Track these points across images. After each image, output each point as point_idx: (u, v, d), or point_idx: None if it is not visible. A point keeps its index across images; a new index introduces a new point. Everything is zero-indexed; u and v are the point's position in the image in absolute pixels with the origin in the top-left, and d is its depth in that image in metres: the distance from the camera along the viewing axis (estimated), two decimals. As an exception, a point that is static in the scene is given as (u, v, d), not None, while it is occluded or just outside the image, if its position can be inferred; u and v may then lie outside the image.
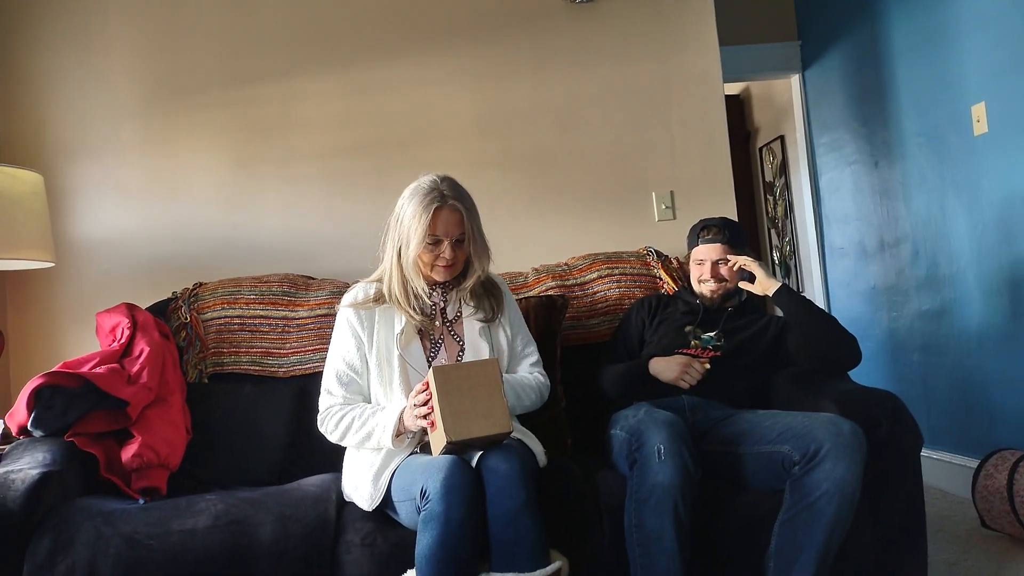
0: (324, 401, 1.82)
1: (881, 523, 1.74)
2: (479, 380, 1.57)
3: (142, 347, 2.00)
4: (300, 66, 2.67)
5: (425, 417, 1.60)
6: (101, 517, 1.64)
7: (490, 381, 1.57)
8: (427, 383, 1.60)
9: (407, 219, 1.76)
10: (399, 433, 1.68)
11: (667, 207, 2.74)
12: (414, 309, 1.81)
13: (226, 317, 2.27)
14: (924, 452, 1.82)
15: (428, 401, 1.59)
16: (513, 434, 1.75)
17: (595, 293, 2.43)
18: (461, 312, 1.88)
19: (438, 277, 1.81)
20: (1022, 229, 2.58)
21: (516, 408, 1.81)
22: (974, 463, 2.71)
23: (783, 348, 2.07)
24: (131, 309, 2.14)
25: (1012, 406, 2.68)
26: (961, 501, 2.81)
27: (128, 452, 1.84)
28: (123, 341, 2.02)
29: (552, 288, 2.41)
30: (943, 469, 3.00)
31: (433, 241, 1.75)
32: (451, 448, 1.56)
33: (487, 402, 1.55)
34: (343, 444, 1.80)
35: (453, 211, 1.74)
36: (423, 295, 1.81)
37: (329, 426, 1.79)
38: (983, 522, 2.46)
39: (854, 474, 1.58)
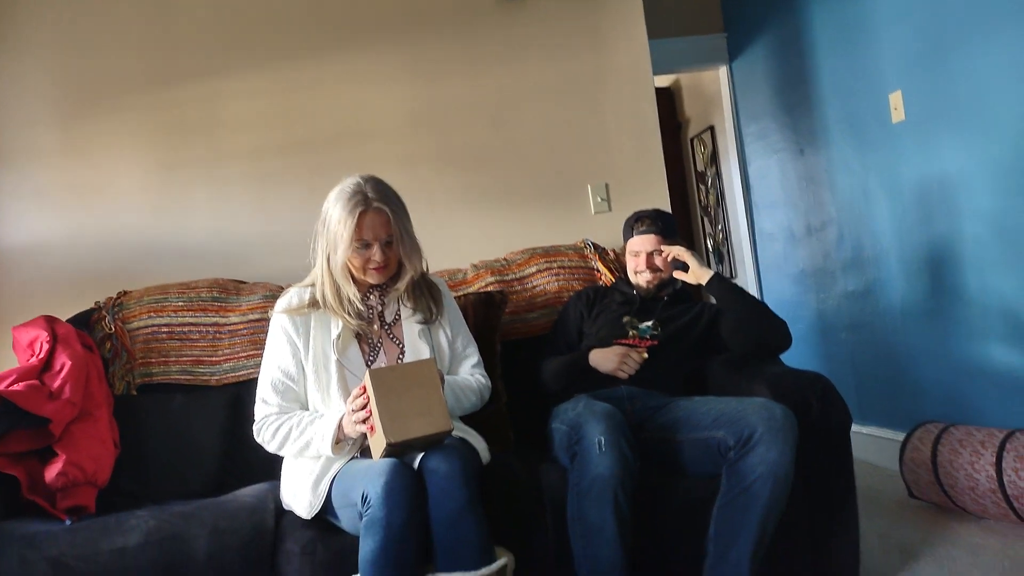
0: (260, 410, 1.78)
1: (813, 500, 1.80)
2: (416, 380, 1.55)
3: (63, 361, 1.91)
4: (225, 65, 2.58)
5: (364, 422, 1.58)
6: (24, 541, 1.57)
7: (428, 380, 1.56)
8: (364, 387, 1.58)
9: (333, 224, 1.72)
10: (338, 440, 1.66)
11: (603, 199, 2.76)
12: (349, 314, 1.78)
13: (153, 326, 2.19)
14: (854, 427, 1.89)
15: (366, 405, 1.57)
16: (455, 432, 1.74)
17: (534, 287, 2.44)
18: (400, 315, 1.86)
19: (372, 280, 1.79)
20: (939, 211, 2.69)
21: (456, 410, 1.80)
22: (902, 436, 2.83)
23: (717, 334, 2.11)
24: (50, 322, 2.04)
25: (935, 380, 2.80)
26: (890, 473, 2.93)
27: (52, 471, 1.77)
28: (42, 356, 1.93)
29: (492, 283, 2.41)
30: (872, 443, 3.12)
31: (362, 245, 1.72)
32: (391, 451, 1.55)
33: (425, 401, 1.54)
34: (281, 454, 1.76)
35: (379, 213, 1.71)
36: (355, 300, 1.78)
37: (266, 436, 1.75)
38: (911, 492, 2.57)
39: (787, 456, 1.63)
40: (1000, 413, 2.49)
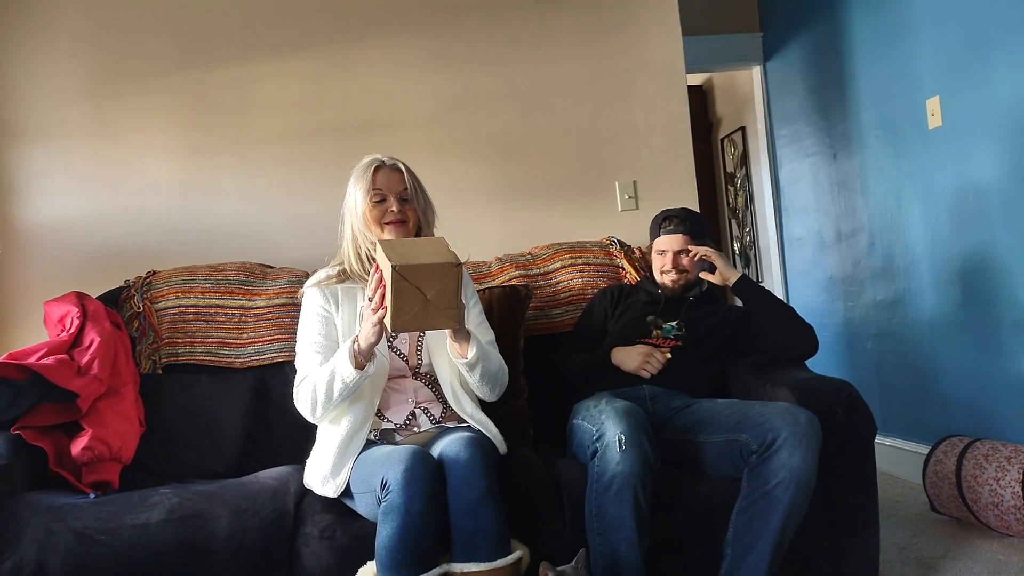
0: (298, 379, 1.75)
1: (835, 509, 1.78)
2: (427, 245, 1.57)
3: (92, 337, 1.94)
4: (258, 47, 2.61)
5: (376, 311, 1.54)
6: (50, 512, 1.59)
7: (437, 242, 1.57)
8: (376, 266, 1.57)
9: (351, 187, 1.84)
10: (361, 365, 1.61)
11: (630, 197, 2.74)
12: (369, 274, 1.76)
13: (180, 306, 2.21)
14: (877, 439, 1.86)
15: (378, 288, 1.54)
16: (472, 424, 1.74)
17: (558, 283, 2.43)
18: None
19: (390, 236, 1.79)
20: (974, 221, 2.64)
21: (488, 367, 1.74)
22: (925, 449, 2.79)
23: (742, 337, 2.09)
24: (81, 298, 2.07)
25: (962, 393, 2.75)
26: (912, 486, 2.89)
27: (78, 445, 1.79)
28: (72, 331, 1.96)
29: (516, 278, 2.40)
30: (895, 455, 3.08)
31: (379, 199, 1.79)
32: (398, 287, 1.46)
33: (433, 246, 1.55)
34: (319, 409, 1.68)
35: (394, 170, 1.83)
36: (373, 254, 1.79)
37: (300, 395, 1.71)
38: (932, 506, 2.53)
39: (810, 462, 1.61)
40: (1029, 429, 2.44)
